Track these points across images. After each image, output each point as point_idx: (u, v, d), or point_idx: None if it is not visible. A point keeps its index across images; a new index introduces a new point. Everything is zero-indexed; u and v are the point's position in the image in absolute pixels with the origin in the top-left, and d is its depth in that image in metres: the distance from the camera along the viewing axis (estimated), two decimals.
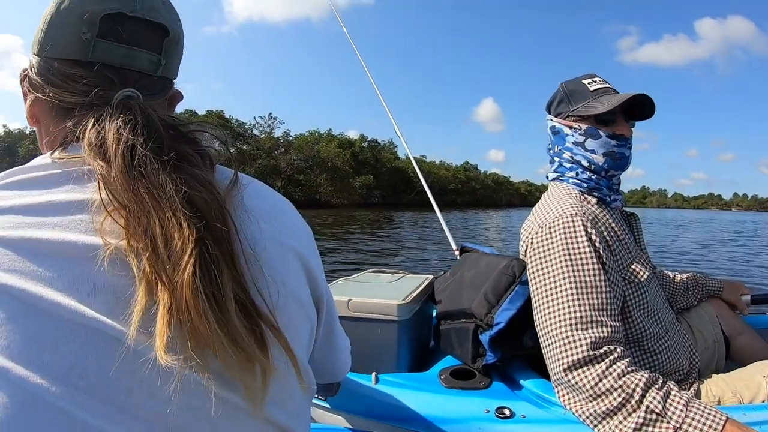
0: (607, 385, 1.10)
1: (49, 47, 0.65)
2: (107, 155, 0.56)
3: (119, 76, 0.65)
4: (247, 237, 0.58)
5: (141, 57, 0.66)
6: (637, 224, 1.59)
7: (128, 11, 0.64)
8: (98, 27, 0.63)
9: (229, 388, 0.53)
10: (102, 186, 0.54)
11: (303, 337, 0.66)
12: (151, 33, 0.67)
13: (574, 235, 1.28)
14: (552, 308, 1.23)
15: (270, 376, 0.53)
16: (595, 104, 1.42)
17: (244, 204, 0.61)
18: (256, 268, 0.57)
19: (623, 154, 1.45)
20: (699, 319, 1.77)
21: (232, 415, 0.54)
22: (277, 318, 0.56)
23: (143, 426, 0.50)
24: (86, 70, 0.63)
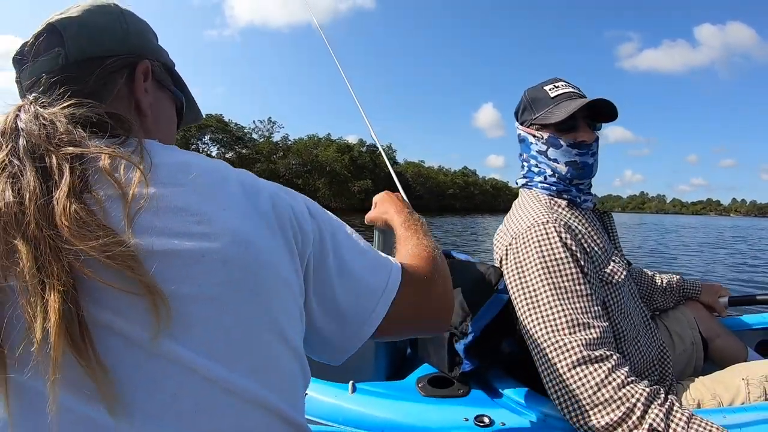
0: (607, 395, 1.06)
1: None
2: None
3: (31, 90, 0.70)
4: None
5: (41, 64, 0.70)
6: (610, 223, 1.57)
7: (23, 49, 0.72)
8: (17, 70, 0.74)
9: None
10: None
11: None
12: (44, 40, 0.71)
13: (548, 242, 1.25)
14: (537, 317, 1.19)
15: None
16: (554, 112, 1.39)
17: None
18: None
19: (586, 162, 1.41)
20: (677, 321, 1.77)
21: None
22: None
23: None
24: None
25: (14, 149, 0.56)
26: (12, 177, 0.53)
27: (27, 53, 0.71)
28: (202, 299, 0.54)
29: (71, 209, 0.51)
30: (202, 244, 0.55)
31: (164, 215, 0.55)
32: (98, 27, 0.73)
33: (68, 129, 0.59)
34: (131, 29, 0.76)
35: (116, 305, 0.50)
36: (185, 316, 0.52)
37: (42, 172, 0.54)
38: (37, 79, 0.70)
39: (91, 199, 0.53)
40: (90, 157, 0.57)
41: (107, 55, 0.72)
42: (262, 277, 0.59)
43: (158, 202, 0.55)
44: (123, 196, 0.54)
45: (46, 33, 0.71)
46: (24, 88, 0.72)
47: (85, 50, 0.71)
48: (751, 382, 1.33)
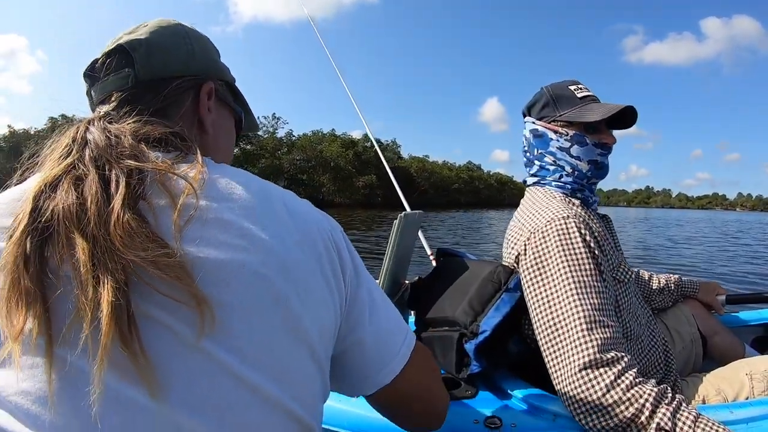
0: (616, 396, 1.06)
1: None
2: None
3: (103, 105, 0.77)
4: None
5: (112, 82, 0.76)
6: (610, 226, 1.57)
7: (94, 66, 0.78)
8: (88, 83, 0.80)
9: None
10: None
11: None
12: (114, 60, 0.76)
13: (569, 237, 1.25)
14: (556, 313, 1.19)
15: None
16: (586, 112, 1.41)
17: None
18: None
19: (604, 163, 1.46)
20: (676, 319, 1.80)
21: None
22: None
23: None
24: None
25: (81, 157, 0.62)
26: (76, 179, 0.59)
27: (98, 70, 0.77)
28: (240, 307, 0.57)
29: (124, 218, 0.55)
30: (243, 256, 0.59)
31: (211, 227, 0.59)
32: (165, 49, 0.78)
33: (131, 144, 0.64)
34: (196, 50, 0.81)
35: (165, 304, 0.54)
36: (224, 321, 0.56)
37: (103, 180, 0.59)
38: (108, 95, 0.75)
39: (146, 207, 0.58)
40: (147, 169, 0.61)
41: (174, 76, 0.77)
42: (297, 293, 0.62)
43: (206, 214, 0.59)
44: (174, 206, 0.58)
45: (116, 53, 0.76)
46: (94, 102, 0.78)
47: (153, 72, 0.76)
48: (754, 377, 1.35)
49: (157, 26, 0.80)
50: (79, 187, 0.58)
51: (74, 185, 0.58)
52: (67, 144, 0.64)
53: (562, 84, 1.50)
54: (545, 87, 1.51)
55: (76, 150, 0.63)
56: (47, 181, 0.59)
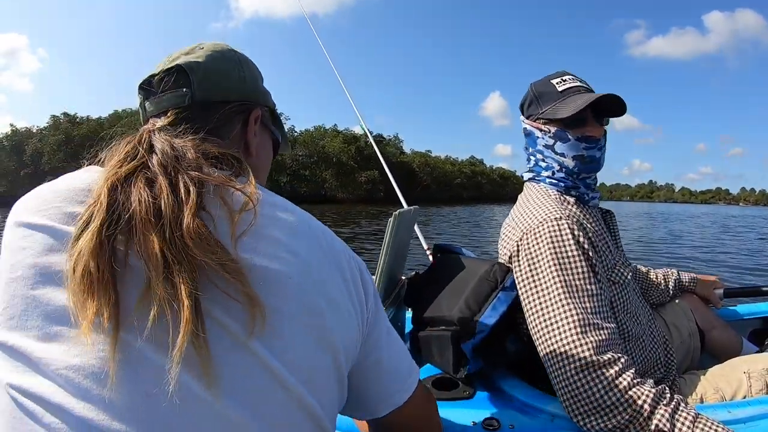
0: (614, 398, 1.07)
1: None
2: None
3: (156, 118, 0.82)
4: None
5: (168, 98, 0.81)
6: (613, 221, 1.56)
7: (151, 80, 0.83)
8: (142, 95, 0.85)
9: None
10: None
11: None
12: (172, 79, 0.82)
13: (561, 238, 1.24)
14: (547, 316, 1.18)
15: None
16: (562, 107, 1.38)
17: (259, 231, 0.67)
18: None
19: (593, 156, 1.41)
20: (674, 314, 1.79)
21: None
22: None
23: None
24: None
25: (149, 161, 0.67)
26: (148, 181, 0.64)
27: (155, 86, 0.83)
28: (284, 313, 0.63)
29: (194, 224, 0.60)
30: (288, 269, 0.65)
31: (263, 240, 0.66)
32: (221, 74, 0.85)
33: (195, 157, 0.70)
34: (247, 77, 0.89)
35: (223, 303, 0.59)
36: (270, 324, 0.61)
37: (172, 186, 0.63)
38: (164, 111, 0.81)
39: (207, 215, 0.63)
40: (209, 182, 0.67)
41: (227, 100, 0.84)
42: (329, 309, 0.69)
43: (259, 228, 0.66)
44: (230, 217, 0.64)
45: (174, 72, 0.82)
46: (147, 113, 0.83)
47: (208, 94, 0.82)
48: (752, 376, 1.36)
49: (212, 50, 0.86)
50: (152, 188, 0.63)
51: (147, 185, 0.63)
52: (133, 146, 0.69)
53: (547, 78, 1.47)
54: (531, 84, 1.50)
55: (142, 154, 0.68)
56: (119, 177, 0.63)
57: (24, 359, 0.56)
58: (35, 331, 0.57)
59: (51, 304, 0.58)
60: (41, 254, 0.61)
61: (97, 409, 0.53)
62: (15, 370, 0.57)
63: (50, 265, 0.60)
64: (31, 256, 0.61)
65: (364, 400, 0.83)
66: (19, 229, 0.64)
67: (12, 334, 0.58)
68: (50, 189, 0.68)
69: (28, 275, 0.59)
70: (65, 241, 0.60)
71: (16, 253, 0.62)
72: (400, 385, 0.84)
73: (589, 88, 1.43)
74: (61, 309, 0.57)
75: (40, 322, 0.57)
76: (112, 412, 0.53)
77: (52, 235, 0.62)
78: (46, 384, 0.54)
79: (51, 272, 0.59)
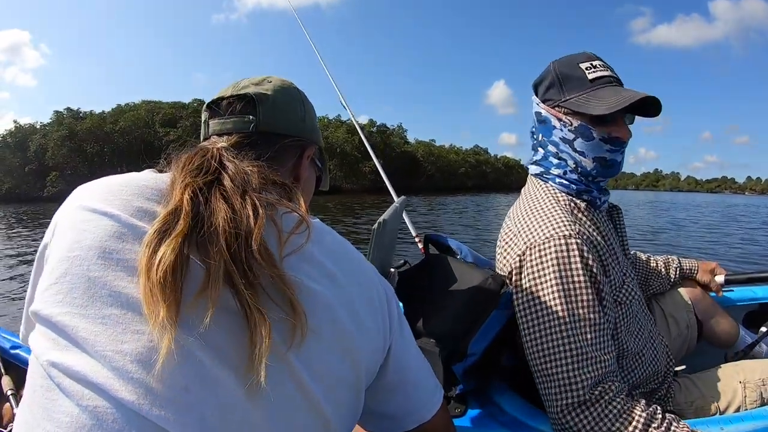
0: (605, 428, 1.05)
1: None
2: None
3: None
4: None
5: (234, 123, 0.89)
6: (620, 218, 1.47)
7: (221, 102, 0.91)
8: (207, 113, 0.93)
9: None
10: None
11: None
12: (241, 105, 0.89)
13: (568, 260, 1.14)
14: (546, 345, 1.13)
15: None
16: (593, 100, 1.21)
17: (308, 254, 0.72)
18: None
19: (615, 160, 1.27)
20: (673, 304, 1.76)
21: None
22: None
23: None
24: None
25: (221, 177, 0.72)
26: (223, 197, 0.68)
27: (224, 108, 0.90)
28: (318, 330, 0.67)
29: (260, 239, 0.65)
30: (325, 290, 0.71)
31: (306, 261, 0.71)
32: (285, 110, 0.92)
33: (259, 181, 0.75)
34: (306, 117, 0.97)
35: (272, 315, 0.62)
36: (307, 340, 0.65)
37: (242, 205, 0.68)
38: (228, 133, 0.88)
39: (266, 234, 0.67)
40: (271, 203, 0.72)
41: (286, 134, 0.91)
42: (357, 329, 0.73)
43: (307, 252, 0.71)
44: (279, 238, 0.69)
45: (243, 100, 0.89)
46: (210, 131, 0.90)
47: (271, 126, 0.89)
48: (748, 386, 1.33)
49: (280, 86, 0.94)
50: (227, 203, 0.67)
51: (223, 199, 0.68)
52: (205, 160, 0.74)
53: (573, 60, 1.28)
54: (553, 62, 1.32)
55: (215, 168, 0.73)
56: (199, 186, 0.68)
57: (67, 336, 0.58)
58: (83, 310, 0.59)
59: (106, 287, 0.60)
60: (103, 239, 0.63)
61: (138, 393, 0.55)
62: (55, 347, 0.58)
63: (110, 250, 0.62)
64: (92, 239, 0.63)
65: (393, 415, 0.87)
66: (83, 212, 0.67)
67: (57, 310, 0.59)
68: (117, 181, 0.72)
69: (85, 256, 0.62)
70: (129, 232, 0.64)
71: (76, 233, 0.64)
72: (428, 399, 0.89)
73: (619, 78, 1.27)
74: (115, 294, 0.59)
75: (91, 302, 0.59)
76: (152, 398, 0.55)
77: (117, 224, 0.64)
78: (90, 363, 0.56)
79: (110, 258, 0.62)
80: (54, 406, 0.56)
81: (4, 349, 1.78)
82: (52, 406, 0.57)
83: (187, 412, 0.57)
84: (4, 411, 1.34)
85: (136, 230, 0.64)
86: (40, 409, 0.57)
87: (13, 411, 1.25)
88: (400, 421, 0.87)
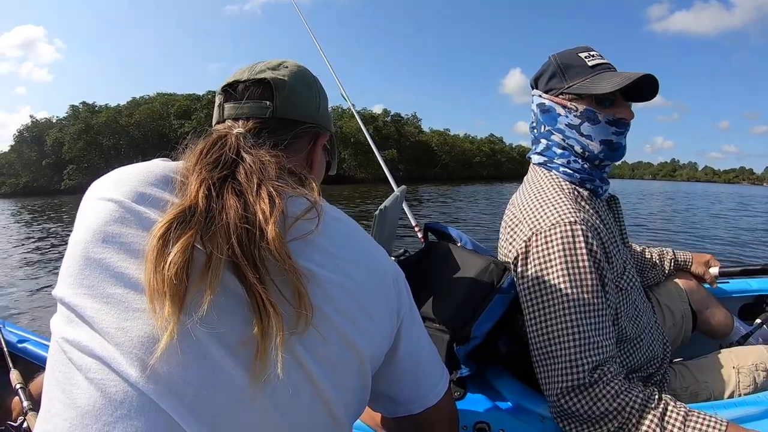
0: (602, 408, 1.07)
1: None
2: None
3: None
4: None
5: (251, 107, 0.88)
6: (618, 208, 1.49)
7: (237, 86, 0.90)
8: (223, 96, 0.92)
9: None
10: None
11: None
12: (258, 90, 0.89)
13: (574, 246, 1.17)
14: (550, 328, 1.15)
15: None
16: (596, 82, 1.26)
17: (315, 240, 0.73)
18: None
19: (620, 143, 1.31)
20: (668, 295, 1.79)
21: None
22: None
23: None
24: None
25: (236, 170, 0.73)
26: (238, 190, 0.70)
27: (240, 92, 0.90)
28: (321, 314, 0.68)
29: (275, 232, 0.66)
30: (331, 275, 0.71)
31: (311, 247, 0.72)
32: (301, 97, 0.92)
33: (277, 171, 0.76)
34: (321, 104, 0.97)
35: (278, 300, 0.64)
36: (311, 326, 0.66)
37: (259, 197, 0.69)
38: (245, 117, 0.88)
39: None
40: (285, 192, 0.73)
41: (302, 121, 0.92)
42: (362, 314, 0.74)
43: (314, 237, 0.72)
44: (285, 223, 0.70)
45: (260, 84, 0.89)
46: (225, 114, 0.90)
47: (288, 112, 0.90)
48: (741, 371, 1.36)
49: (296, 72, 0.94)
50: (240, 197, 0.69)
51: (236, 194, 0.69)
52: (223, 153, 0.75)
53: (572, 51, 1.35)
54: (553, 55, 1.37)
55: (232, 160, 0.74)
56: (214, 181, 0.69)
57: (78, 315, 0.62)
58: (90, 291, 0.62)
59: (109, 269, 0.63)
60: (106, 223, 0.66)
61: (139, 370, 0.58)
62: (68, 324, 0.63)
63: (113, 234, 0.65)
64: (97, 223, 0.66)
65: (402, 398, 0.89)
66: (94, 202, 0.70)
67: (69, 291, 0.64)
68: (125, 170, 0.74)
69: (90, 239, 0.65)
70: (132, 217, 0.66)
71: (86, 221, 0.68)
72: (434, 384, 0.91)
73: (615, 67, 1.32)
74: (118, 275, 0.63)
75: (96, 283, 0.63)
76: (153, 375, 0.58)
77: (120, 209, 0.67)
78: (97, 339, 0.60)
79: (113, 241, 0.65)
80: (66, 378, 0.61)
81: (12, 343, 1.79)
82: (64, 379, 0.61)
83: (183, 391, 0.59)
84: (14, 405, 1.33)
85: (139, 216, 0.67)
86: (55, 381, 0.62)
87: (23, 405, 1.25)
88: (407, 405, 0.89)
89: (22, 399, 1.27)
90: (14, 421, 1.25)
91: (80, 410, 0.58)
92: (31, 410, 1.22)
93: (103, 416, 0.57)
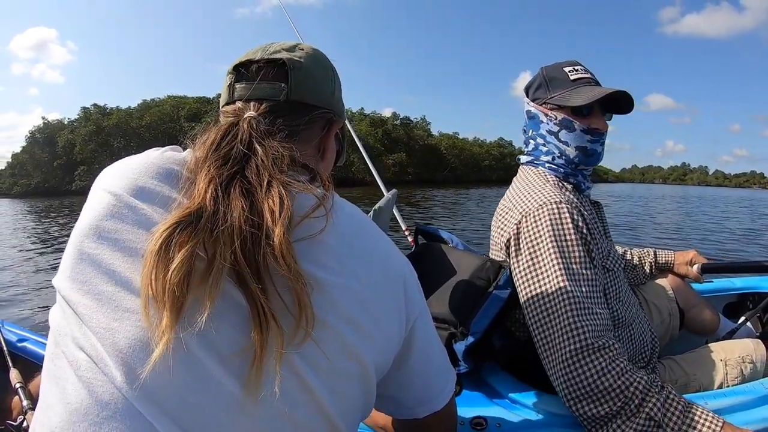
0: (606, 383, 1.08)
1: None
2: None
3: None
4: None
5: (265, 89, 0.82)
6: (601, 213, 1.56)
7: (251, 66, 0.84)
8: (234, 76, 0.85)
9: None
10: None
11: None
12: (273, 71, 0.83)
13: (560, 223, 1.24)
14: (547, 299, 1.19)
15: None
16: (573, 95, 1.38)
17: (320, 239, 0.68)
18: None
19: (595, 150, 1.42)
20: (654, 292, 1.83)
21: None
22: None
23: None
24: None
25: (247, 167, 0.69)
26: (245, 194, 0.65)
27: (254, 72, 0.83)
28: (322, 324, 0.64)
29: (285, 240, 0.61)
30: (334, 278, 0.67)
31: (316, 247, 0.68)
32: (317, 80, 0.87)
33: (289, 165, 0.72)
34: (336, 89, 0.92)
35: (279, 310, 0.61)
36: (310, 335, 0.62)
37: (269, 194, 0.66)
38: (257, 99, 0.81)
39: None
40: (294, 188, 0.69)
41: (316, 106, 0.86)
42: (367, 319, 0.70)
43: (325, 237, 0.68)
44: (291, 222, 0.65)
45: (275, 65, 0.83)
46: (236, 95, 0.83)
47: (303, 95, 0.84)
48: (728, 363, 1.41)
49: (312, 54, 0.88)
50: (248, 198, 0.65)
51: (243, 194, 0.65)
52: (234, 146, 0.71)
53: (558, 65, 1.47)
54: (542, 68, 1.49)
55: (242, 157, 0.70)
56: (222, 181, 0.66)
57: (72, 309, 0.62)
58: (83, 286, 0.61)
59: (102, 265, 0.62)
60: (102, 217, 0.65)
61: (124, 374, 0.56)
62: (63, 317, 0.63)
63: (107, 230, 0.64)
64: (94, 217, 0.65)
65: (408, 402, 0.86)
66: (98, 192, 0.69)
67: (66, 284, 0.63)
68: (127, 161, 0.73)
69: (86, 233, 0.64)
70: (128, 212, 0.65)
71: (86, 211, 0.67)
72: (441, 390, 0.87)
73: (598, 81, 1.43)
74: (110, 272, 0.61)
75: (89, 278, 0.62)
76: (135, 378, 0.56)
77: (117, 202, 0.66)
78: (87, 335, 0.59)
79: (106, 237, 0.63)
80: (59, 372, 0.60)
81: (12, 342, 1.78)
82: (57, 372, 0.61)
83: (165, 397, 0.57)
84: (14, 404, 1.33)
85: (136, 211, 0.65)
86: (49, 374, 0.62)
87: (22, 404, 1.25)
88: (413, 408, 0.87)
89: (22, 398, 1.25)
90: (14, 421, 1.24)
91: (70, 407, 0.58)
92: (30, 409, 1.20)
93: (89, 416, 0.57)
